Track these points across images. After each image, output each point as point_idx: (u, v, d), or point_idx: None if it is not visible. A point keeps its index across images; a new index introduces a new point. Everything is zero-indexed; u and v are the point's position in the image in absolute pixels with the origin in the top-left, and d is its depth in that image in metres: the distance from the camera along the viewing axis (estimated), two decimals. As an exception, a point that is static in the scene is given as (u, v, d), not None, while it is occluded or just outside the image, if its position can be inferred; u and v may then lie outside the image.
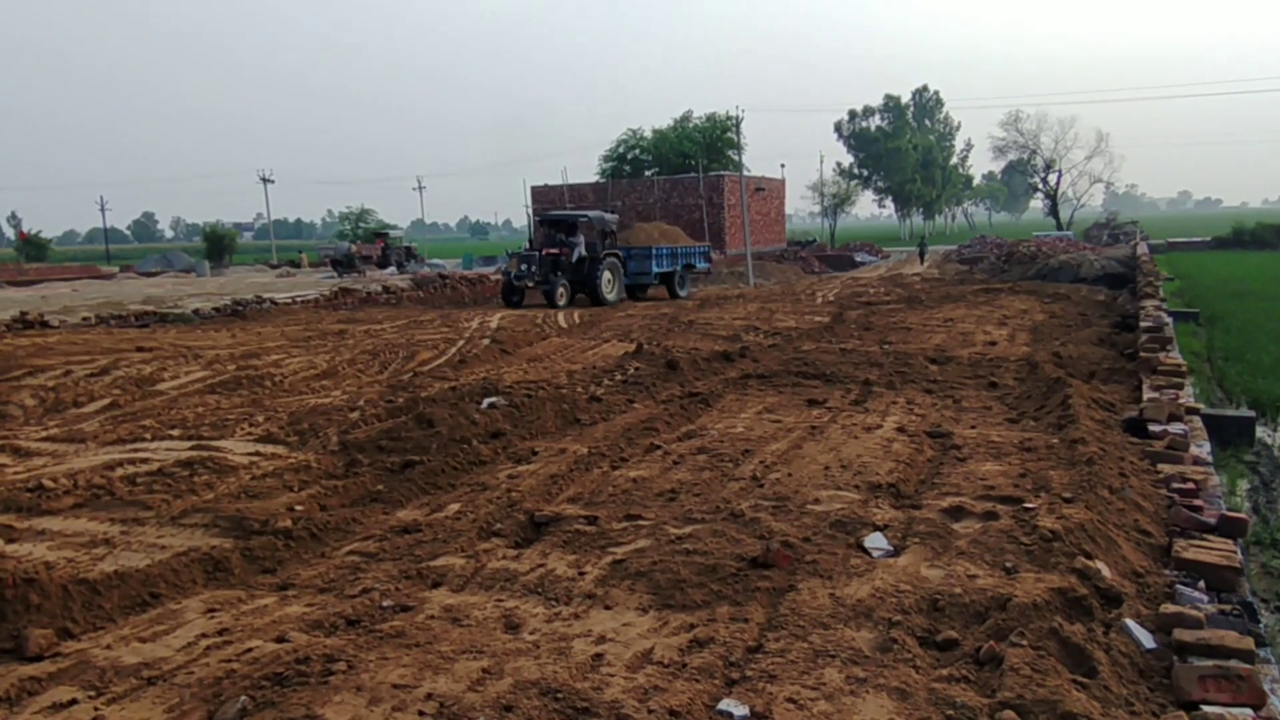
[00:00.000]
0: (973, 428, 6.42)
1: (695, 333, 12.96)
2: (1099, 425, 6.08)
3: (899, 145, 76.64)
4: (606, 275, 21.03)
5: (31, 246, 63.39)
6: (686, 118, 54.26)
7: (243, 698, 2.73)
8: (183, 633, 3.36)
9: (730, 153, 49.42)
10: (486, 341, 12.36)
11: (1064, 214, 63.14)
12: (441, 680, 2.83)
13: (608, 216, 22.91)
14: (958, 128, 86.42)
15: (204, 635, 3.32)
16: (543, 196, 48.76)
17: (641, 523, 4.38)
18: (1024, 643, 2.98)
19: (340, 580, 3.89)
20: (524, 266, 20.05)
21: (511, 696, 2.70)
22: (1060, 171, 62.60)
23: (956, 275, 27.15)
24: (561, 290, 19.52)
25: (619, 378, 8.75)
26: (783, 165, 54.53)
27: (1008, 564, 3.74)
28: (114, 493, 5.09)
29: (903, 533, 4.18)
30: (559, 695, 2.70)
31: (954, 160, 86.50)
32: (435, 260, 44.82)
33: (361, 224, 58.00)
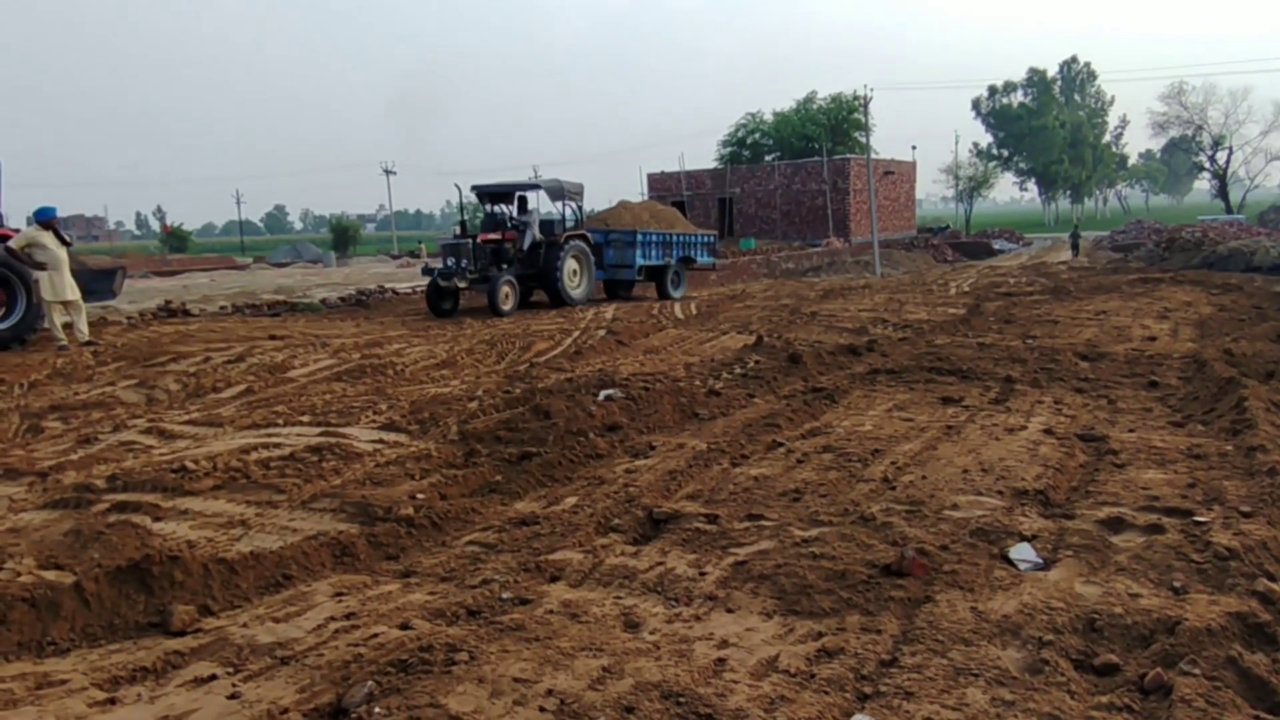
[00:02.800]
0: (1131, 431, 6.03)
1: (818, 325, 12.72)
2: (1280, 431, 5.60)
3: (1044, 123, 72.87)
4: (570, 266, 16.72)
5: (174, 238, 68.62)
6: (810, 99, 53.34)
7: (369, 682, 2.83)
8: (313, 615, 3.52)
9: (857, 135, 48.28)
10: (602, 332, 12.51)
11: (1234, 196, 58.63)
12: (562, 677, 2.86)
13: (569, 185, 17.44)
14: (1111, 102, 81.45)
15: (333, 618, 3.47)
16: (659, 183, 48.99)
17: (764, 523, 4.32)
18: (1196, 672, 2.76)
19: (461, 570, 4.00)
20: (452, 260, 15.33)
21: (632, 698, 2.70)
22: (1231, 149, 58.16)
23: (1109, 264, 25.64)
24: (506, 290, 15.29)
25: (739, 371, 8.67)
26: (914, 147, 52.86)
27: (1176, 583, 3.48)
28: (249, 476, 5.41)
29: (1053, 544, 3.96)
30: (681, 699, 2.68)
31: (1106, 138, 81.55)
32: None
33: (479, 214, 59.80)
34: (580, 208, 18.08)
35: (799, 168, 44.77)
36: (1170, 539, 3.94)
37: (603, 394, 7.22)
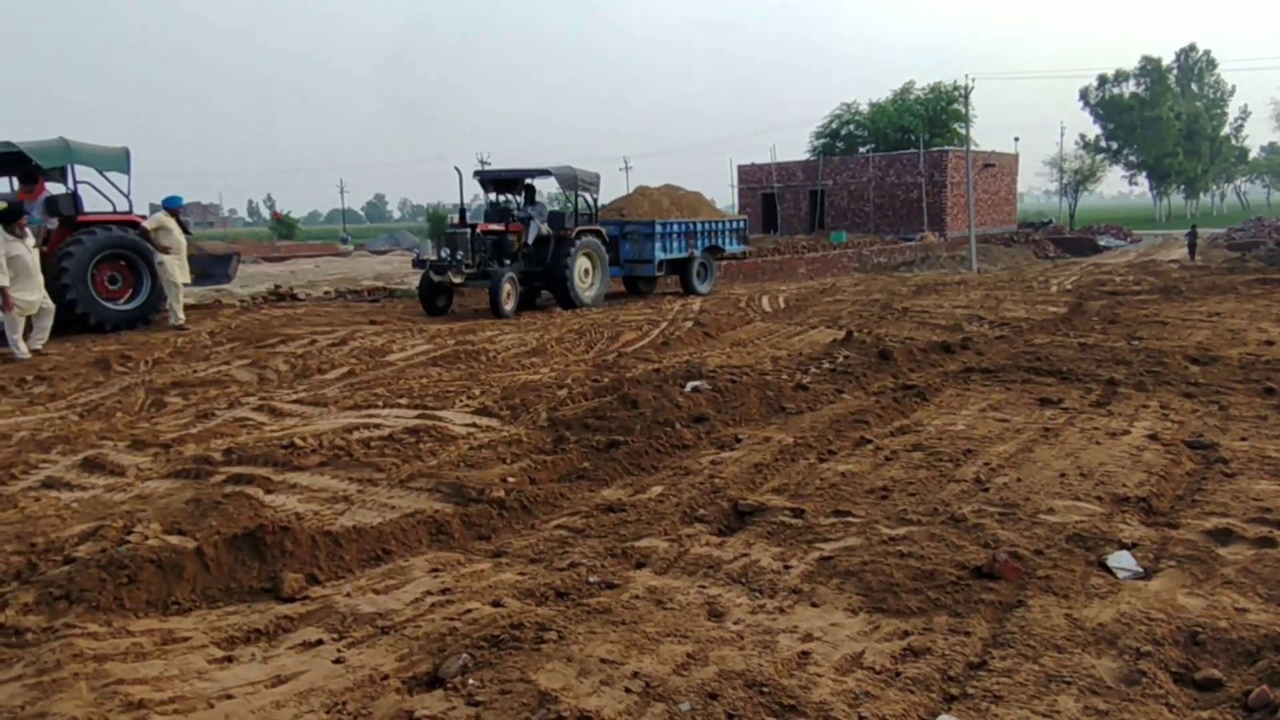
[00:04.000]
0: (1244, 439, 5.73)
1: (910, 321, 12.46)
2: None
3: (1158, 114, 69.16)
4: (582, 263, 14.91)
5: (283, 226, 71.58)
6: (907, 89, 52.01)
7: (464, 655, 2.94)
8: (410, 588, 3.67)
9: (956, 126, 46.83)
10: (689, 324, 12.53)
11: (1367, 192, 54.62)
12: (647, 660, 2.91)
13: (583, 174, 15.57)
14: (1231, 93, 76.77)
15: (429, 593, 3.60)
16: (749, 175, 48.54)
17: (851, 520, 4.28)
18: (1306, 692, 2.64)
19: (549, 552, 4.09)
20: (448, 252, 13.76)
21: (716, 684, 2.73)
22: (1364, 142, 54.10)
23: (1225, 263, 24.27)
24: (508, 288, 13.66)
25: (827, 366, 8.58)
26: (1016, 139, 50.65)
27: (1287, 599, 3.32)
28: (352, 454, 5.64)
29: (1155, 554, 3.81)
30: (764, 690, 2.71)
31: (1226, 130, 76.87)
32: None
33: (568, 203, 60.41)
34: (596, 200, 16.26)
35: (894, 160, 43.73)
36: (1283, 554, 3.75)
37: (690, 385, 7.26)
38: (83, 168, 12.74)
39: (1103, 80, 73.44)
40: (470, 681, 2.79)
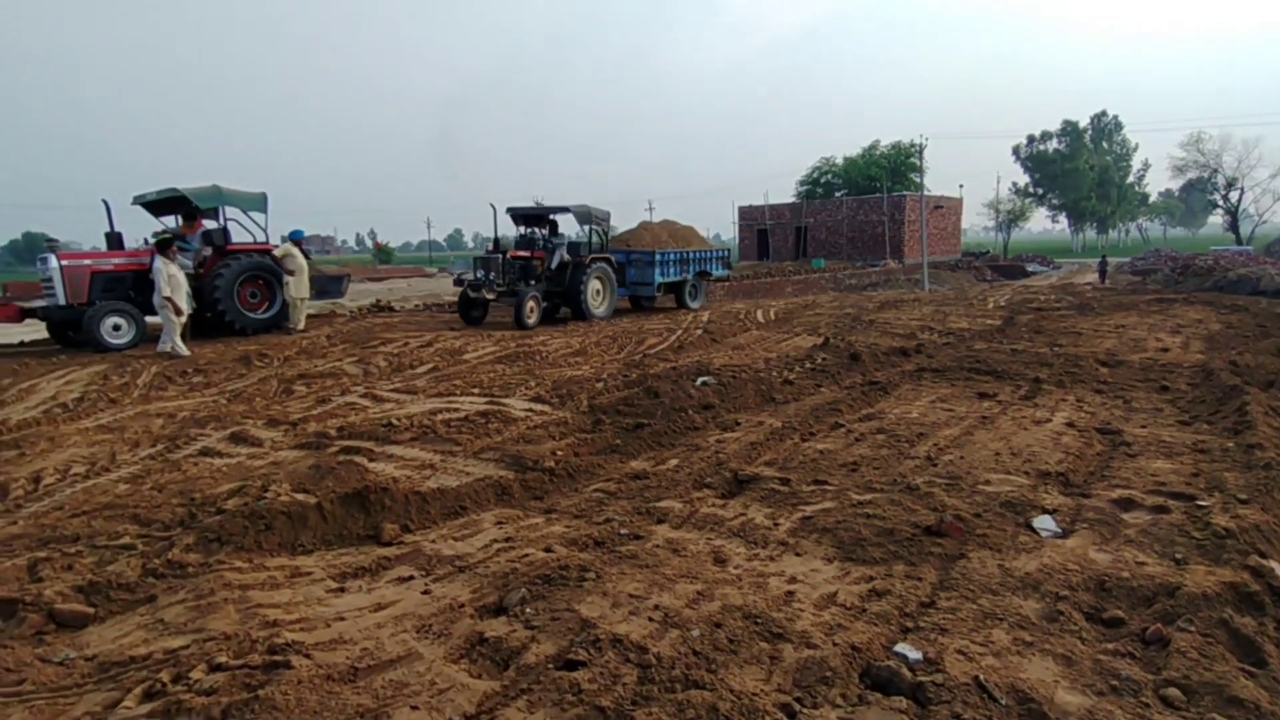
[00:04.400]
0: (1143, 427, 5.62)
1: (876, 330, 12.32)
2: (1278, 433, 5.11)
3: (1076, 166, 67.92)
4: (594, 285, 14.70)
5: (383, 254, 72.16)
6: (874, 146, 51.56)
7: (523, 589, 2.96)
8: (481, 537, 3.69)
9: (913, 176, 46.32)
10: (700, 332, 12.48)
11: (1244, 229, 53.28)
12: (665, 596, 2.91)
13: (597, 211, 15.36)
14: (1135, 149, 74.98)
15: (495, 540, 3.62)
16: (747, 214, 48.27)
17: (827, 487, 4.25)
18: (1192, 629, 2.59)
19: (589, 510, 4.10)
20: (483, 273, 13.74)
21: (720, 616, 2.73)
22: (1243, 189, 52.84)
23: (1129, 286, 23.77)
24: (531, 304, 13.30)
25: (808, 365, 8.51)
26: (961, 186, 50.20)
27: (1177, 555, 3.26)
28: (436, 431, 5.67)
29: (1071, 518, 3.76)
30: (758, 620, 2.70)
31: (1130, 179, 75.24)
32: (661, 266, 45.76)
33: (580, 235, 60.27)
34: (606, 232, 15.99)
35: (863, 202, 43.31)
36: (1174, 519, 3.68)
37: (699, 380, 7.23)
38: (231, 208, 12.95)
39: (1031, 139, 72.16)
40: (528, 610, 2.80)
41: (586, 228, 15.18)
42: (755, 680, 2.35)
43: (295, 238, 13.16)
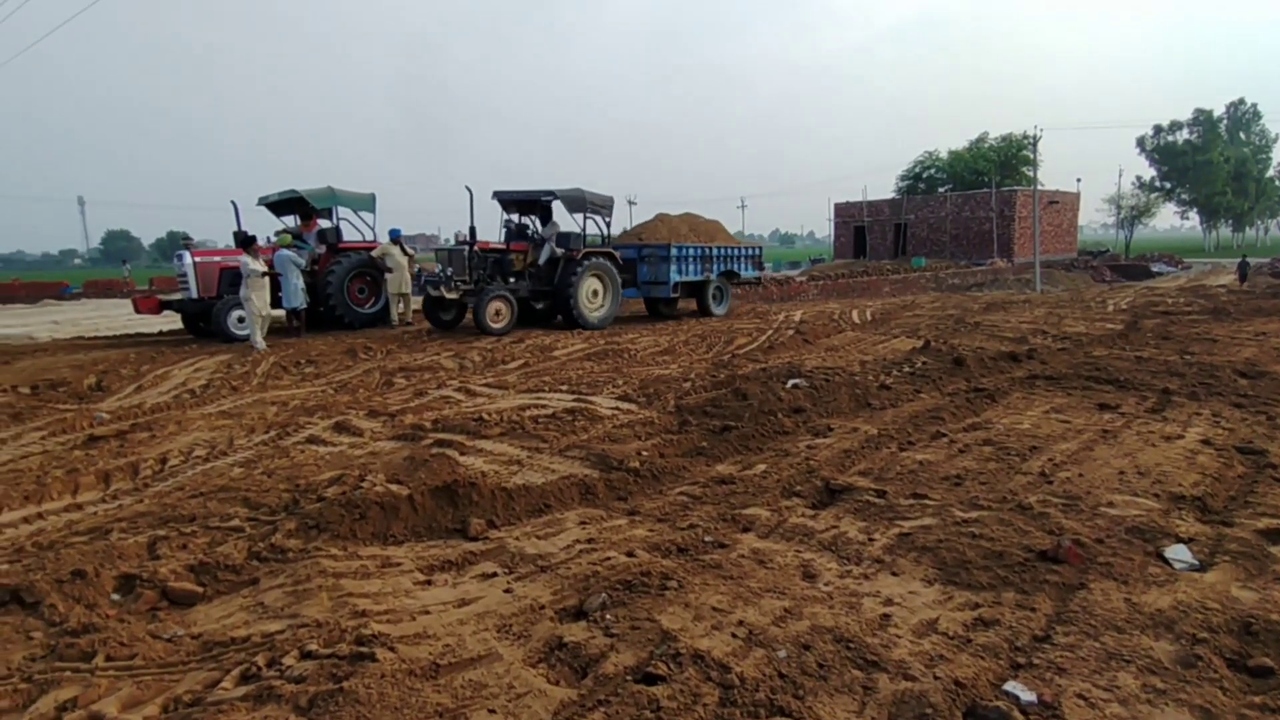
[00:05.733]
0: (1298, 448, 4.97)
1: (981, 333, 11.60)
2: None
3: (1209, 158, 61.90)
4: (590, 285, 12.39)
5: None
6: (982, 139, 48.83)
7: (603, 594, 2.89)
8: (564, 536, 3.66)
9: (1024, 169, 43.57)
10: (791, 332, 12.14)
11: None
12: (750, 611, 2.77)
13: (594, 196, 12.77)
14: (1276, 140, 67.65)
15: (578, 541, 3.58)
16: (844, 211, 46.81)
17: (928, 502, 3.98)
18: (1371, 692, 2.21)
19: (673, 514, 3.99)
20: (441, 270, 11.77)
21: (808, 637, 2.56)
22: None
23: (1269, 289, 21.40)
24: (497, 307, 11.40)
25: (907, 369, 8.09)
26: (1078, 180, 46.72)
27: (1347, 601, 2.82)
28: (524, 427, 5.73)
29: (1210, 548, 3.33)
30: (850, 645, 2.52)
31: (1270, 173, 68.00)
32: (752, 264, 45.13)
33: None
34: (608, 222, 13.35)
35: (969, 198, 41.08)
36: (1343, 557, 3.20)
37: (790, 382, 7.00)
38: (343, 208, 13.66)
39: (1158, 129, 66.28)
40: (608, 617, 2.73)
41: (580, 216, 12.78)
42: (846, 712, 2.18)
43: (393, 236, 13.73)
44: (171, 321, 14.20)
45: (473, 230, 12.29)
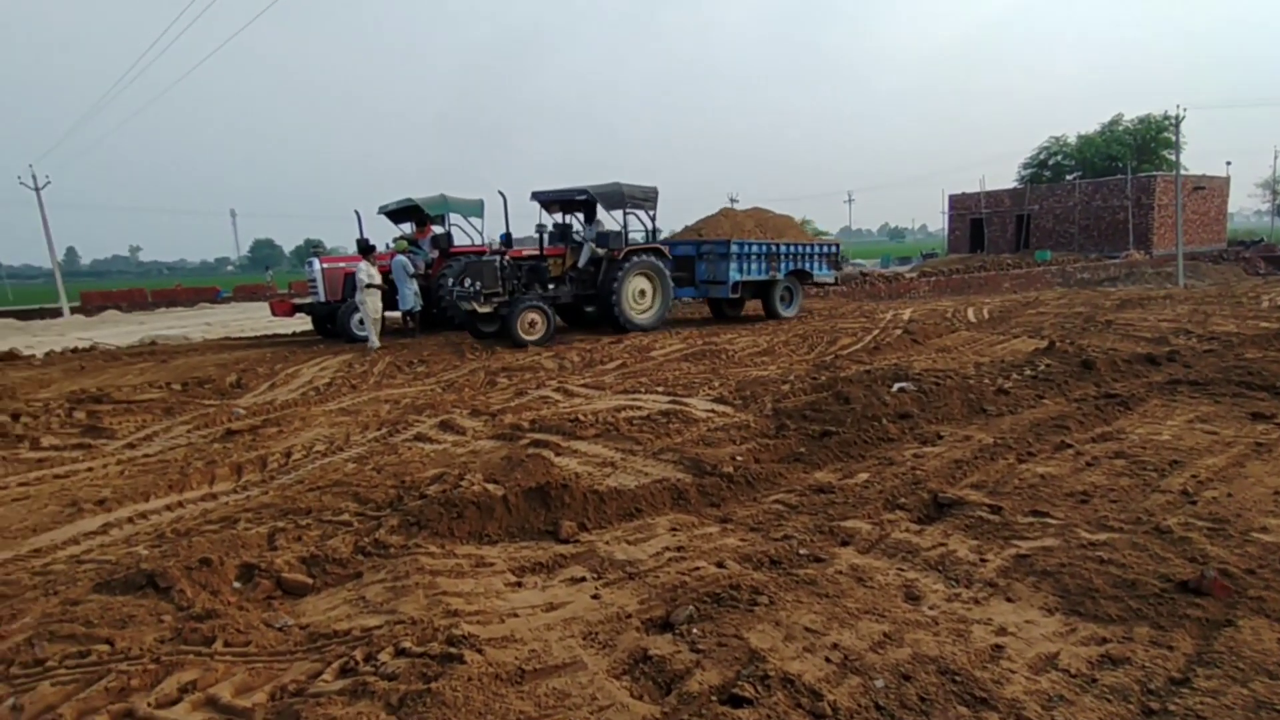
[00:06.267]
0: None
1: (1114, 333, 10.62)
2: None
3: (1398, 131, 53.93)
4: (636, 285, 11.60)
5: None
6: (1115, 121, 44.89)
7: (690, 607, 2.81)
8: (653, 543, 3.60)
9: (1165, 153, 39.70)
10: (899, 332, 11.58)
11: None
12: (846, 634, 2.61)
13: (633, 190, 11.83)
14: None
15: (667, 548, 3.52)
16: (959, 203, 44.30)
17: (1049, 520, 3.63)
18: None
19: (767, 523, 3.86)
20: (470, 281, 10.94)
21: (910, 666, 2.38)
22: None
23: None
24: (532, 318, 10.74)
25: (1028, 373, 7.49)
26: (1228, 163, 41.86)
27: None
28: (619, 429, 5.73)
29: (1399, 589, 2.85)
30: (957, 678, 2.32)
31: None
32: (858, 260, 43.64)
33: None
34: (653, 216, 12.42)
35: (1100, 185, 37.80)
36: None
37: (896, 385, 6.65)
38: (454, 214, 14.26)
39: (1334, 100, 58.46)
40: (694, 631, 2.65)
41: (619, 212, 11.93)
42: (949, 752, 2.00)
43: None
44: (304, 323, 15.33)
45: (506, 237, 11.96)
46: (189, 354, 11.57)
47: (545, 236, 12.34)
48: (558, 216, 12.95)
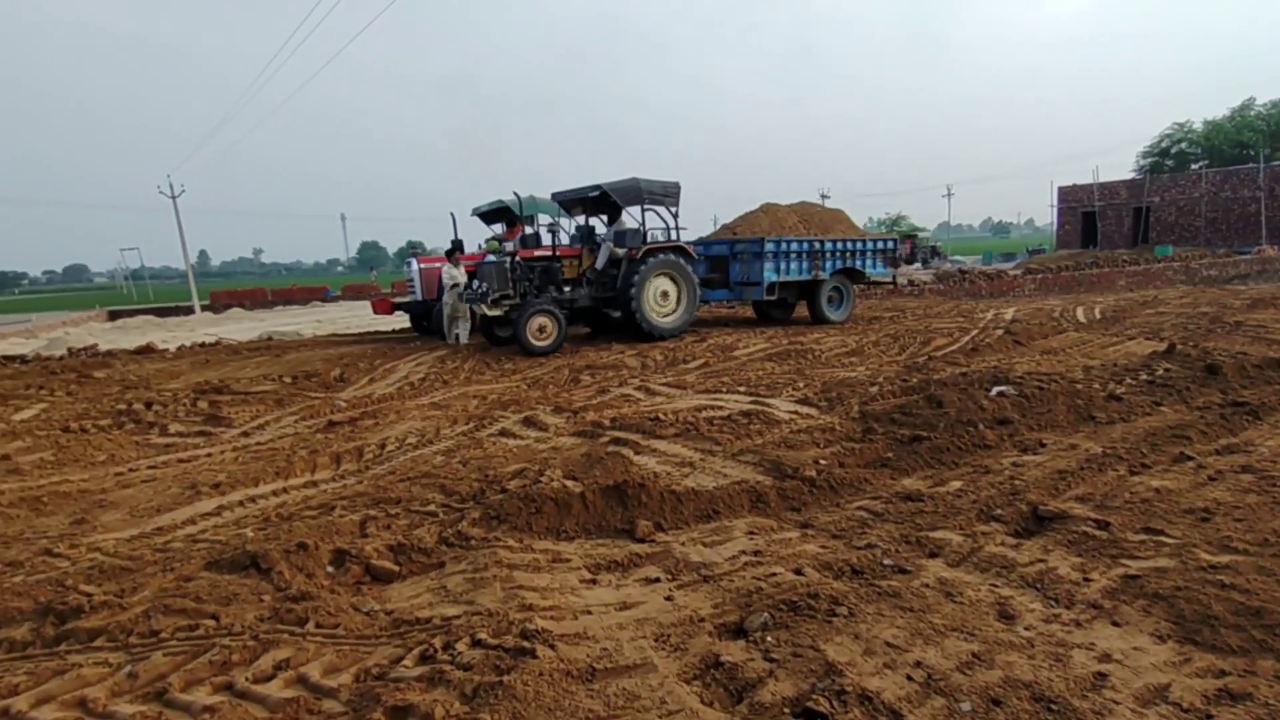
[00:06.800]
0: None
1: (1243, 335, 9.65)
2: None
3: None
4: (658, 286, 10.85)
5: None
6: (1247, 106, 40.94)
7: (765, 614, 2.74)
8: (730, 546, 3.54)
9: (1311, 137, 35.79)
10: (1000, 332, 10.94)
11: None
12: (931, 652, 2.47)
13: (651, 185, 11.09)
14: None
15: (744, 552, 3.44)
16: (1070, 195, 41.53)
17: (1164, 539, 3.32)
18: None
19: (849, 530, 3.72)
20: (479, 283, 10.47)
21: (1000, 691, 2.22)
22: None
23: None
24: (541, 323, 10.07)
25: (1144, 377, 6.90)
26: (1391, 145, 37.20)
27: None
28: (698, 429, 5.68)
29: None
30: (1053, 706, 2.14)
31: None
32: (957, 257, 41.67)
33: (895, 228, 56.63)
34: (675, 212, 11.60)
35: (1229, 175, 34.48)
36: None
37: (995, 389, 6.27)
38: (542, 215, 14.58)
39: None
40: (768, 639, 2.58)
41: (636, 209, 11.18)
42: (1043, 787, 1.85)
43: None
44: (403, 321, 16.07)
45: (524, 237, 11.44)
46: (300, 349, 12.34)
47: (556, 235, 11.90)
48: (580, 219, 12.48)
